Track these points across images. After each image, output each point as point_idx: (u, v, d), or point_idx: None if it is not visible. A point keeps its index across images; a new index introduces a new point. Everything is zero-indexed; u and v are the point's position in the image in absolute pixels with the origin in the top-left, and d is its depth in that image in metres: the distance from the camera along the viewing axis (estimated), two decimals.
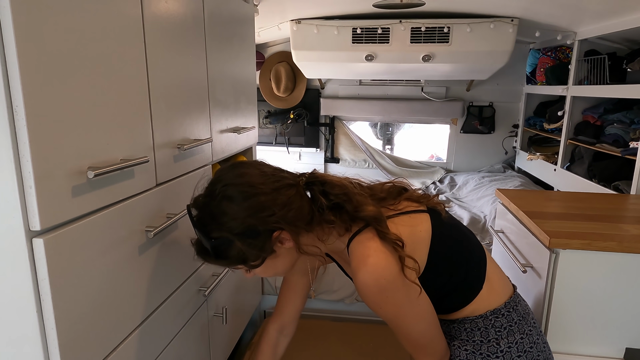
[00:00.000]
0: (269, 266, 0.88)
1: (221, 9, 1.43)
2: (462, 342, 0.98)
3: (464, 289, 0.97)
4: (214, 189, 0.85)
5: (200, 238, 0.86)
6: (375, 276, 0.81)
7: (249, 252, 0.84)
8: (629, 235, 1.25)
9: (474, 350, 0.96)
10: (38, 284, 0.73)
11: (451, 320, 1.00)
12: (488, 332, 0.96)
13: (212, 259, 0.86)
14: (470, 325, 0.97)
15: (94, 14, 0.80)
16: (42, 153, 0.70)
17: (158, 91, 1.04)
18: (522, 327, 0.96)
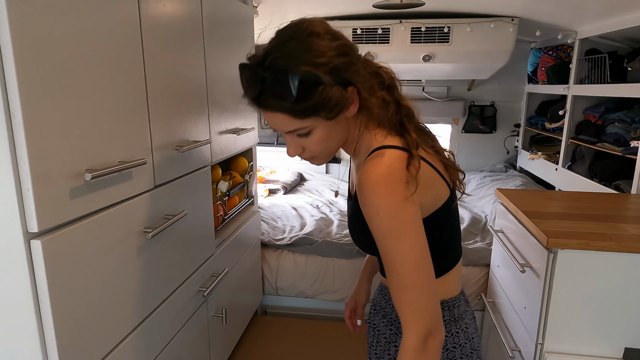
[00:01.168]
0: (329, 131, 0.80)
1: (219, 10, 1.44)
2: (391, 321, 0.98)
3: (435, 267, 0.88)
4: (299, 26, 0.77)
5: (279, 76, 0.74)
6: (381, 178, 0.76)
7: (330, 97, 0.75)
8: (627, 235, 1.25)
9: (397, 331, 0.96)
10: (36, 285, 0.74)
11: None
12: None
13: (290, 99, 0.73)
14: None
15: (90, 17, 0.81)
16: (40, 156, 0.71)
17: (156, 93, 1.05)
18: (450, 327, 0.92)
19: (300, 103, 0.74)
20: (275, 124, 0.79)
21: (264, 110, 0.78)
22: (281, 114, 0.76)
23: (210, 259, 1.44)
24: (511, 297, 1.59)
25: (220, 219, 1.61)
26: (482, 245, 2.08)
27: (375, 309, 1.07)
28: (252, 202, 1.95)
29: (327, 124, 0.79)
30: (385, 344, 1.01)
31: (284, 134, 0.81)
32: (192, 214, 1.27)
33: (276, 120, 0.78)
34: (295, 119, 0.76)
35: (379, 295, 1.07)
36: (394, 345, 0.98)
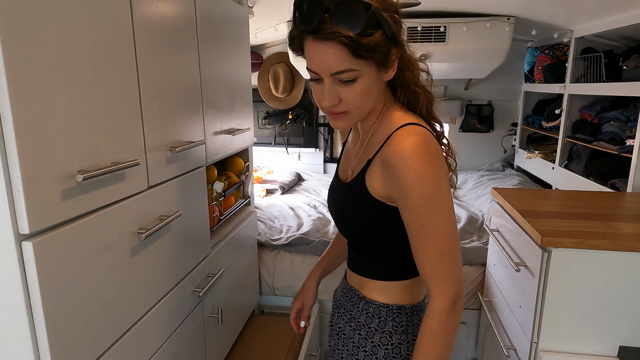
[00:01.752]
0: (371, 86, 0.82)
1: (214, 11, 1.44)
2: (359, 325, 0.98)
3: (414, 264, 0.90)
4: None
5: (350, 4, 0.75)
6: (421, 146, 0.79)
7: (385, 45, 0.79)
8: (621, 234, 1.25)
9: (366, 336, 0.97)
10: (28, 286, 0.74)
11: (361, 297, 0.99)
12: (386, 323, 0.96)
13: (356, 29, 0.74)
14: (373, 311, 0.97)
15: (81, 17, 0.81)
16: (30, 157, 0.71)
17: (149, 94, 1.05)
18: (416, 331, 0.96)
19: (363, 37, 0.75)
20: (325, 61, 0.77)
21: (321, 42, 0.76)
22: (338, 46, 0.75)
23: (205, 260, 1.44)
24: (507, 296, 1.60)
25: (216, 220, 1.61)
26: (478, 244, 2.09)
27: (340, 312, 1.06)
28: (249, 203, 1.95)
29: (372, 75, 0.80)
30: (353, 349, 1.00)
31: (327, 77, 0.79)
32: (186, 214, 1.27)
33: (329, 55, 0.76)
34: (349, 56, 0.76)
35: (344, 298, 1.05)
36: (362, 350, 0.98)
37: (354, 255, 1.03)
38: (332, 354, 1.09)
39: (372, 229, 0.92)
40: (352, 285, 1.03)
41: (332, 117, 0.85)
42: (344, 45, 0.75)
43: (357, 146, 0.97)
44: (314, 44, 0.78)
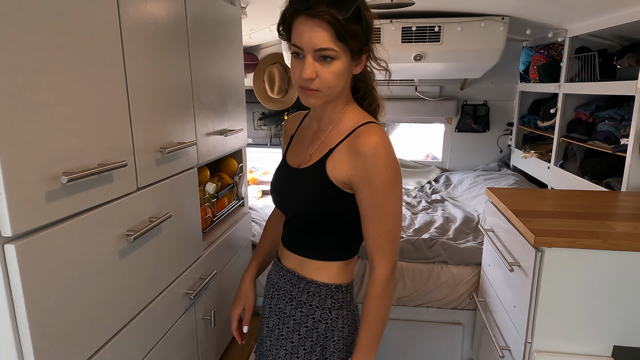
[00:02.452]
0: (343, 70, 0.93)
1: (205, 11, 1.44)
2: (300, 303, 1.08)
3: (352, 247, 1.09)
4: None
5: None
6: (387, 141, 0.94)
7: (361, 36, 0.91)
8: (614, 233, 1.25)
9: (308, 313, 1.07)
10: (11, 289, 0.73)
11: (301, 278, 1.08)
12: (326, 300, 1.06)
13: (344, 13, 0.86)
14: (314, 290, 1.06)
15: (66, 16, 0.80)
16: (13, 160, 0.70)
17: (137, 95, 1.04)
18: (349, 306, 1.09)
19: (347, 21, 0.87)
20: (312, 37, 0.87)
21: (312, 19, 0.87)
22: (326, 26, 0.87)
23: (197, 261, 1.43)
24: (501, 296, 1.59)
25: (209, 221, 1.60)
26: (473, 245, 2.08)
27: (279, 293, 1.13)
28: (243, 204, 1.94)
29: (346, 62, 0.92)
30: (294, 326, 1.09)
31: (310, 53, 0.89)
32: (177, 216, 1.26)
33: (317, 32, 0.87)
34: (333, 37, 0.88)
35: (282, 280, 1.12)
36: (304, 325, 1.07)
37: (294, 238, 1.11)
38: (271, 334, 1.15)
39: (323, 211, 1.01)
40: (290, 267, 1.11)
41: (306, 93, 0.94)
42: (331, 26, 0.87)
43: (315, 136, 1.07)
44: (305, 21, 0.88)
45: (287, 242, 1.13)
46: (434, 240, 2.12)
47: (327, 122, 1.04)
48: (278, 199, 1.13)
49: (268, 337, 1.16)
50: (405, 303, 2.06)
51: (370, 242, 1.00)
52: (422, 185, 3.39)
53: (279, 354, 1.11)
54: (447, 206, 2.84)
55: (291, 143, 1.15)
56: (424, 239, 2.14)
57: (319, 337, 1.06)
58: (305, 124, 1.15)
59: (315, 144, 1.05)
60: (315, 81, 0.91)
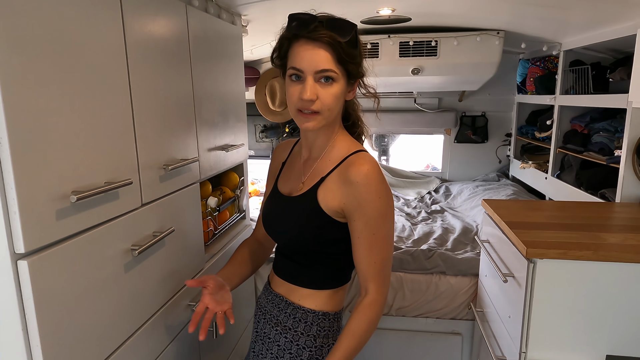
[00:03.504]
0: (341, 94, 0.97)
1: (207, 31, 1.49)
2: (285, 329, 1.08)
3: (342, 276, 1.10)
4: None
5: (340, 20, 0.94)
6: (378, 170, 0.97)
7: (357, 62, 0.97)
8: (604, 244, 1.28)
9: (292, 339, 1.07)
10: (23, 303, 0.77)
11: (289, 303, 1.09)
12: (311, 327, 1.07)
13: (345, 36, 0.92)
14: (300, 316, 1.07)
15: (74, 40, 0.85)
16: (26, 180, 0.74)
17: (142, 113, 1.09)
18: (335, 335, 1.09)
19: (347, 45, 0.92)
20: (313, 59, 0.91)
21: (313, 42, 0.91)
22: (327, 49, 0.91)
23: (200, 274, 1.47)
24: (497, 307, 1.62)
25: (211, 234, 1.64)
26: (471, 255, 2.11)
27: (265, 318, 1.14)
28: (244, 217, 1.98)
29: (343, 86, 0.96)
30: (278, 352, 1.09)
31: (310, 75, 0.92)
32: (180, 230, 1.30)
33: (318, 55, 0.91)
34: (334, 60, 0.92)
35: (269, 305, 1.13)
36: (288, 352, 1.07)
37: (284, 264, 1.12)
38: (258, 356, 1.14)
39: (315, 240, 1.02)
40: (279, 292, 1.12)
41: (304, 116, 0.96)
42: (332, 48, 0.91)
43: (306, 164, 1.09)
44: (305, 44, 0.92)
45: (277, 268, 1.15)
46: (433, 251, 2.16)
47: (318, 150, 1.06)
48: (269, 226, 1.13)
49: None
50: (405, 313, 2.09)
51: (364, 270, 1.00)
52: (422, 196, 3.43)
53: None
54: (446, 217, 2.87)
55: (282, 170, 1.17)
56: (422, 250, 2.17)
57: None
58: (295, 152, 1.16)
59: (307, 172, 1.06)
60: (315, 103, 0.93)
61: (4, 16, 0.69)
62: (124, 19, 1.00)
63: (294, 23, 0.93)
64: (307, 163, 1.09)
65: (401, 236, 2.48)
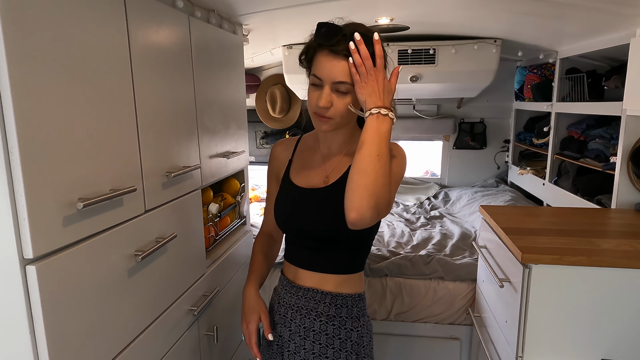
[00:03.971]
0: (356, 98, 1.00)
1: (209, 40, 1.53)
2: (329, 317, 1.14)
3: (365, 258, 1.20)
4: None
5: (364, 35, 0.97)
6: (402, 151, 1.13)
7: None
8: (598, 250, 1.31)
9: (339, 325, 1.14)
10: (31, 307, 0.80)
11: (326, 293, 1.14)
12: (352, 310, 1.15)
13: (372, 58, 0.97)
14: (341, 303, 1.14)
15: (81, 53, 0.88)
16: (35, 188, 0.77)
17: (146, 121, 1.12)
18: (367, 311, 1.20)
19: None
20: (332, 71, 0.98)
21: (334, 55, 0.98)
22: (346, 62, 0.97)
23: (201, 279, 1.49)
24: (495, 312, 1.64)
25: (212, 240, 1.67)
26: (469, 261, 2.13)
27: (302, 313, 1.16)
28: (244, 222, 2.01)
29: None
30: (327, 340, 1.14)
31: (328, 84, 1.00)
32: (182, 236, 1.32)
33: (337, 67, 0.98)
34: (350, 73, 0.97)
35: (303, 300, 1.16)
36: (337, 338, 1.13)
37: (314, 256, 1.15)
38: (295, 356, 1.16)
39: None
40: (310, 285, 1.15)
41: (319, 119, 1.04)
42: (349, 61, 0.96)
43: (327, 158, 1.16)
44: (327, 55, 0.99)
45: (303, 263, 1.16)
46: (431, 256, 2.18)
47: (338, 146, 1.15)
48: (291, 220, 1.15)
49: (295, 353, 1.16)
50: (404, 319, 2.11)
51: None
52: (421, 202, 3.45)
53: None
54: (445, 222, 2.89)
55: (292, 167, 1.21)
56: (421, 255, 2.20)
57: (353, 345, 1.13)
58: (304, 149, 1.22)
59: (330, 166, 1.14)
60: (330, 110, 1.01)
61: (16, 31, 0.72)
62: (129, 31, 1.04)
63: (320, 32, 1.00)
64: (328, 158, 1.16)
65: (400, 242, 2.50)
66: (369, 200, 0.94)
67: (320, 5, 1.79)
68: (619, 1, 1.54)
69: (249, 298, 1.21)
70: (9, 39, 0.71)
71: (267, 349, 1.23)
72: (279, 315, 1.20)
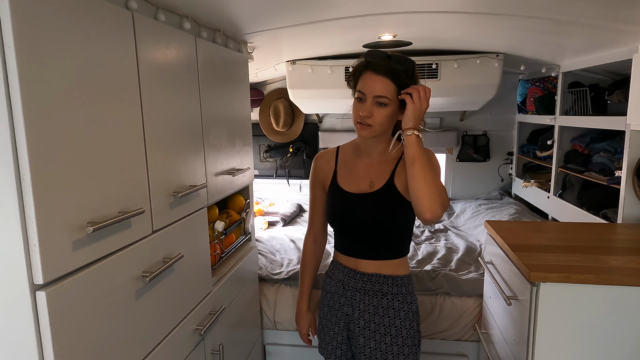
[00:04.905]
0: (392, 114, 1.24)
1: (215, 59, 1.54)
2: (394, 295, 1.37)
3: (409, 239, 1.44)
4: None
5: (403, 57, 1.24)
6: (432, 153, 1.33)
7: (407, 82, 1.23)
8: (606, 267, 1.30)
9: (403, 300, 1.37)
10: (40, 332, 0.80)
11: (387, 277, 1.37)
12: (408, 287, 1.39)
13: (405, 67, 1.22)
14: (400, 282, 1.38)
15: (90, 77, 0.90)
16: (46, 214, 0.78)
17: (153, 142, 1.13)
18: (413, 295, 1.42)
19: (405, 76, 1.21)
20: (375, 87, 1.20)
21: (377, 74, 1.20)
22: (387, 80, 1.20)
23: (207, 298, 1.49)
24: (502, 329, 1.62)
25: (217, 257, 1.67)
26: (475, 276, 2.12)
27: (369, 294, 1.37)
28: (249, 238, 2.01)
29: (395, 109, 1.24)
30: (394, 313, 1.36)
31: (370, 98, 1.22)
32: (188, 255, 1.33)
33: (379, 84, 1.20)
34: (391, 88, 1.20)
35: (368, 283, 1.38)
36: (402, 311, 1.37)
37: (373, 247, 1.37)
38: (365, 331, 1.38)
39: (402, 219, 1.33)
40: (371, 271, 1.38)
41: (360, 126, 1.26)
42: (390, 78, 1.20)
43: (370, 166, 1.37)
44: (371, 75, 1.22)
45: (363, 254, 1.38)
46: (437, 271, 2.17)
47: (378, 154, 1.36)
48: (345, 220, 1.37)
49: (361, 335, 1.38)
50: None
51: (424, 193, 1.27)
52: None
53: (384, 340, 1.35)
54: (450, 236, 2.88)
55: (337, 175, 1.41)
56: (426, 270, 2.18)
57: (413, 315, 1.38)
58: (346, 158, 1.43)
59: (373, 172, 1.35)
60: (370, 119, 1.23)
61: (28, 59, 0.74)
62: (137, 54, 1.05)
63: (368, 57, 1.24)
64: (370, 165, 1.37)
65: None
66: (436, 201, 1.18)
67: (324, 24, 1.81)
68: (621, 19, 1.55)
69: (301, 311, 1.57)
70: (22, 67, 0.72)
71: (333, 325, 1.44)
72: (346, 298, 1.40)
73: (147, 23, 1.10)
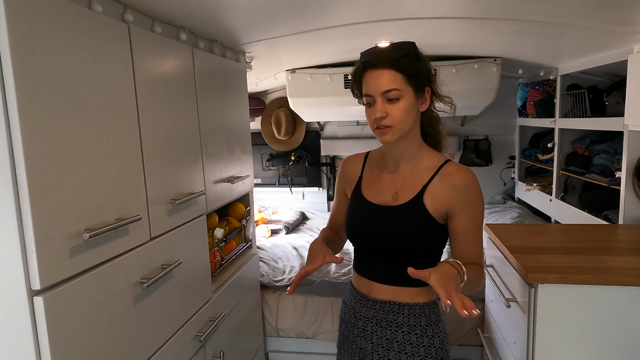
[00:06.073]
0: (410, 108, 1.06)
1: (212, 69, 1.57)
2: (411, 327, 1.15)
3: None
4: None
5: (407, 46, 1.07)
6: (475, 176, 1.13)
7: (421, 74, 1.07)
8: (604, 268, 1.30)
9: (421, 333, 1.15)
10: (38, 336, 0.81)
11: (403, 305, 1.15)
12: (430, 317, 1.15)
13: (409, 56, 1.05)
14: (419, 312, 1.15)
15: (87, 88, 0.92)
16: (42, 221, 0.80)
17: (150, 151, 1.15)
18: (441, 317, 1.20)
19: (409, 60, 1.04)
20: (378, 83, 1.04)
21: (377, 69, 1.04)
22: (390, 71, 1.03)
23: (207, 304, 1.50)
24: (503, 332, 1.62)
25: (217, 264, 1.68)
26: None
27: (382, 325, 1.16)
28: (250, 246, 2.02)
29: (412, 99, 1.06)
30: (412, 349, 1.15)
31: (379, 97, 1.05)
32: (187, 261, 1.34)
33: (382, 78, 1.04)
34: (397, 77, 1.03)
35: (380, 313, 1.17)
36: (422, 346, 1.15)
37: (387, 270, 1.17)
38: None
39: (424, 241, 1.12)
40: (385, 298, 1.17)
41: (380, 132, 1.08)
42: (393, 67, 1.03)
43: (397, 175, 1.17)
44: (371, 73, 1.06)
45: (376, 276, 1.18)
46: None
47: (407, 162, 1.15)
48: (362, 233, 1.18)
49: None
50: None
51: (473, 254, 1.13)
52: None
53: None
54: None
55: (362, 182, 1.23)
56: None
57: (437, 351, 1.15)
58: (372, 165, 1.25)
59: (399, 183, 1.15)
60: (386, 119, 1.05)
61: (25, 71, 0.76)
62: (134, 65, 1.08)
63: (362, 58, 1.09)
64: (396, 174, 1.17)
65: None
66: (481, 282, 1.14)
67: (321, 32, 1.84)
68: (615, 20, 1.56)
69: (315, 245, 1.18)
70: (19, 78, 0.75)
71: (349, 358, 1.24)
72: (358, 329, 1.21)
73: (143, 35, 1.13)
